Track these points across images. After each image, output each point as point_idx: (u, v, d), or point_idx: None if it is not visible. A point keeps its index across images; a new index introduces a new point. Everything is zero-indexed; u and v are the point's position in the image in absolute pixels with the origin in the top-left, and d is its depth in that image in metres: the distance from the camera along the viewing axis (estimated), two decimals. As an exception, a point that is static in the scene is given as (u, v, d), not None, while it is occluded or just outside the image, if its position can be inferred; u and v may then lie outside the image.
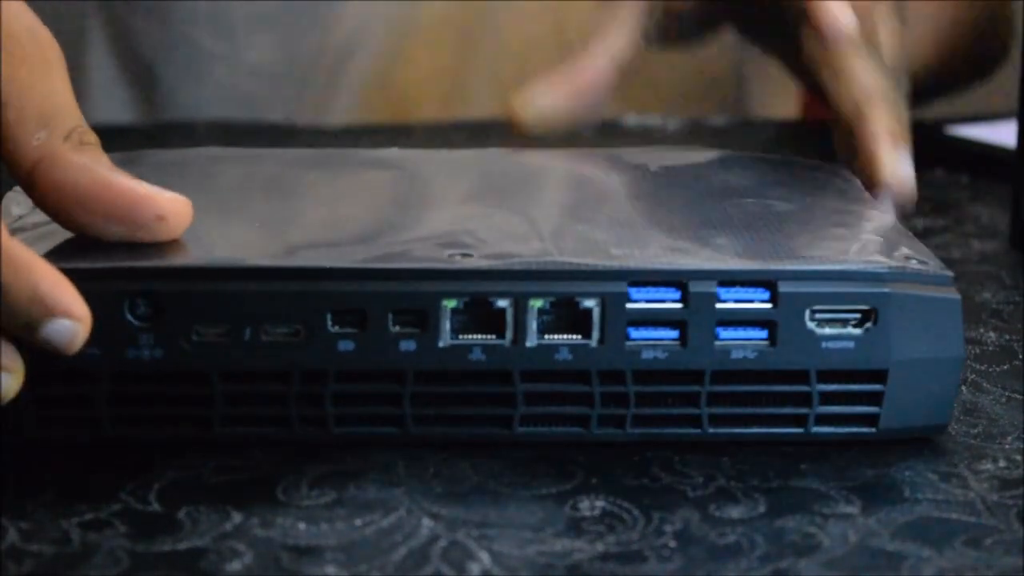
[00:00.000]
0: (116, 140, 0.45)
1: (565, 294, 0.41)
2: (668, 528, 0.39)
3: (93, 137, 0.42)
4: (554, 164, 0.53)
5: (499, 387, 0.42)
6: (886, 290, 0.42)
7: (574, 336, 0.42)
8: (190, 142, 0.69)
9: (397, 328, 0.41)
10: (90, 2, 0.87)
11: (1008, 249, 0.62)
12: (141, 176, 0.42)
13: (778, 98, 0.94)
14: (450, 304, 0.41)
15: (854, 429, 0.43)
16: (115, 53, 0.88)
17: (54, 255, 0.41)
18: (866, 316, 0.42)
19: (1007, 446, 0.44)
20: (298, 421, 0.42)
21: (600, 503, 0.40)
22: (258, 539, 0.38)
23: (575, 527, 0.39)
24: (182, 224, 0.42)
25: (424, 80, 0.88)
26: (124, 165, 0.42)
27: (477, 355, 0.42)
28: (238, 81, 0.86)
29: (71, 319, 0.39)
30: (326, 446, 0.42)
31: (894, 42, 0.57)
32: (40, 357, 0.40)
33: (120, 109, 0.88)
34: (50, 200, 0.41)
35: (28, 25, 0.43)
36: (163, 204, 0.41)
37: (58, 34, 0.43)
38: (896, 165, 0.52)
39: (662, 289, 0.42)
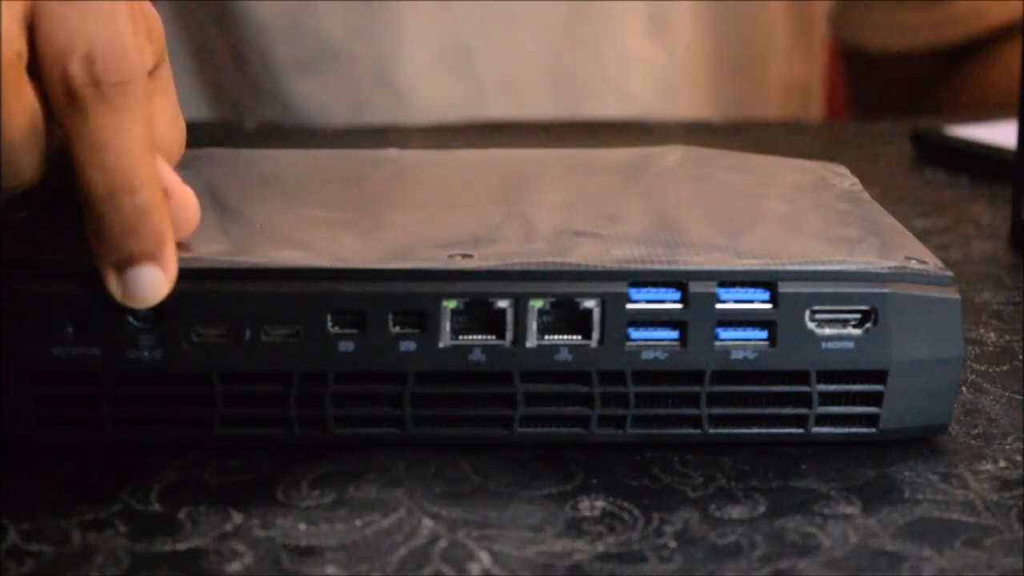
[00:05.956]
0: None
1: (565, 295, 0.41)
2: (668, 528, 0.39)
3: None
4: (553, 164, 0.53)
5: (499, 388, 0.42)
6: (886, 290, 0.42)
7: (574, 337, 0.42)
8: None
9: (397, 329, 0.41)
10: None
11: (1008, 249, 0.62)
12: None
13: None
14: (450, 305, 0.41)
15: (854, 429, 0.43)
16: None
17: (56, 254, 0.41)
18: (866, 316, 0.42)
19: (1007, 446, 0.44)
20: (298, 422, 0.42)
21: (600, 503, 0.40)
22: (258, 539, 0.38)
23: (575, 527, 0.39)
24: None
25: None
26: None
27: (477, 356, 0.42)
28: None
29: (162, 269, 0.39)
30: (326, 447, 0.42)
31: None
32: (42, 355, 0.40)
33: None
34: None
35: None
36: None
37: None
38: None
39: (662, 290, 0.42)
